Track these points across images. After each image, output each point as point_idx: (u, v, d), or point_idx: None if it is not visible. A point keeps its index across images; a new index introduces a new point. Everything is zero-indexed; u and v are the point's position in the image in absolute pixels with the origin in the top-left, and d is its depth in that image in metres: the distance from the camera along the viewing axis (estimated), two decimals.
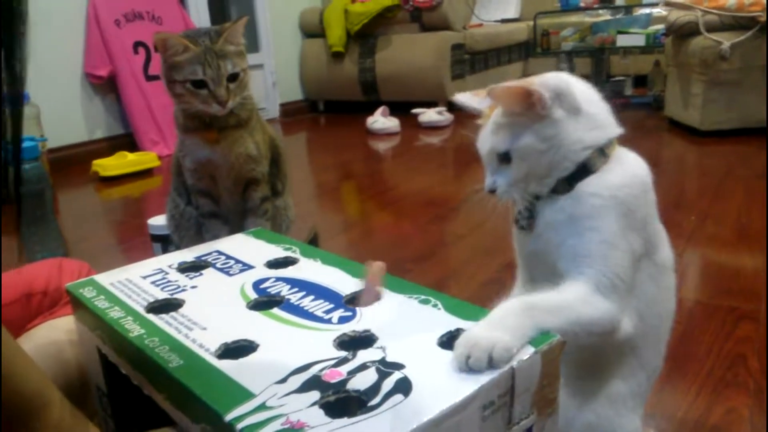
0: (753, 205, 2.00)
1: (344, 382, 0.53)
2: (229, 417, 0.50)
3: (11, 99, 0.44)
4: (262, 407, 0.51)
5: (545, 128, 0.66)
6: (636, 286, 0.69)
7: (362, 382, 0.53)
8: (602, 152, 0.68)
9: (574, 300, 0.64)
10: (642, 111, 3.90)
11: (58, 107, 3.24)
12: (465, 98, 0.76)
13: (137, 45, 3.49)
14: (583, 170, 0.67)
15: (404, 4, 4.23)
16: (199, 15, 4.02)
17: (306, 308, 0.68)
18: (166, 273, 0.82)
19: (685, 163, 2.77)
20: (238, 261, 0.85)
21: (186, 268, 0.84)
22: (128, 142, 3.49)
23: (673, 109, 3.33)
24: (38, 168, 1.76)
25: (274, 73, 4.55)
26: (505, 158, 0.68)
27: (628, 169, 0.69)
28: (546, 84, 0.65)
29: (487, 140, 0.70)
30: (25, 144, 1.74)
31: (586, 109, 0.68)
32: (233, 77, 1.06)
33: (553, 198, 0.69)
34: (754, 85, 2.89)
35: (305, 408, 0.50)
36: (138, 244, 2.01)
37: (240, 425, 0.48)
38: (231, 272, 0.81)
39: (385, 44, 4.33)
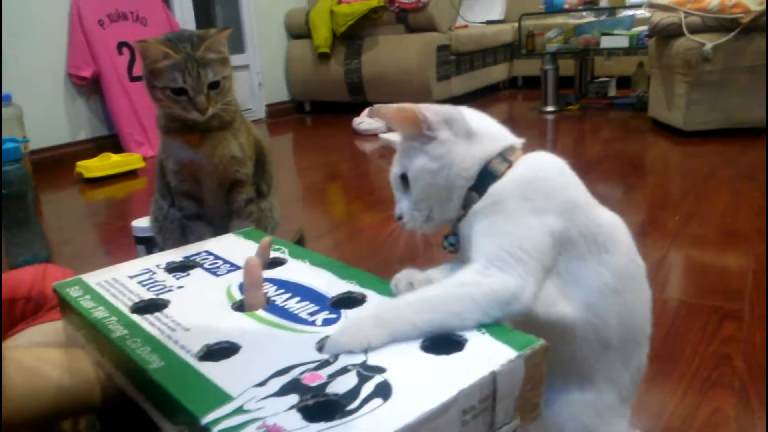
0: (737, 206, 2.02)
1: (324, 385, 0.53)
2: (205, 420, 0.49)
3: None
4: (239, 410, 0.50)
5: (435, 149, 0.69)
6: (581, 278, 0.67)
7: (342, 385, 0.52)
8: (503, 158, 0.70)
9: (450, 287, 0.62)
10: (626, 112, 3.93)
11: (41, 108, 3.21)
12: (390, 136, 0.79)
13: (121, 45, 3.47)
14: (490, 176, 0.69)
15: (390, 5, 4.23)
16: (184, 16, 3.99)
17: (290, 310, 0.68)
18: (154, 273, 0.82)
19: (669, 164, 2.79)
20: (226, 261, 0.84)
21: (174, 268, 0.83)
22: (112, 143, 3.47)
23: (656, 110, 3.36)
24: (21, 169, 1.74)
25: (260, 73, 4.54)
26: (406, 182, 0.71)
27: (528, 164, 0.70)
28: (434, 109, 0.69)
29: (394, 166, 0.74)
30: (7, 145, 1.72)
31: (478, 129, 0.70)
32: (214, 85, 1.05)
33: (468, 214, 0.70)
34: (737, 86, 2.92)
35: (282, 412, 0.50)
36: (122, 246, 1.99)
37: (216, 429, 0.48)
38: (218, 273, 0.80)
39: (371, 45, 4.33)
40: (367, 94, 4.40)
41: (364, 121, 3.76)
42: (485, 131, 0.71)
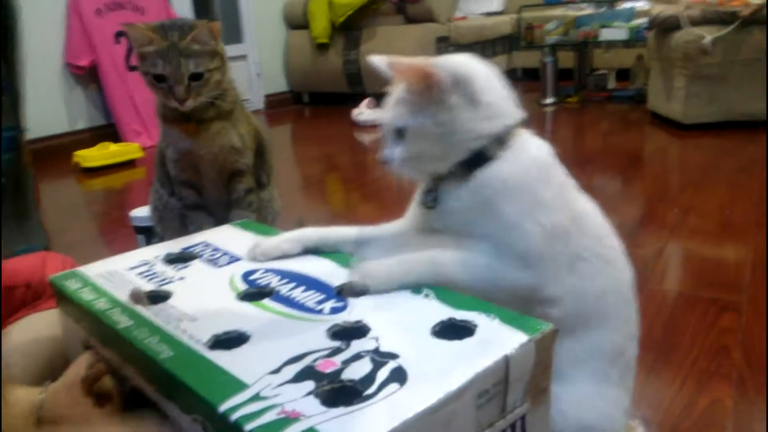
0: (735, 198, 2.02)
1: (339, 372, 0.53)
2: (223, 408, 0.49)
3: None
4: (257, 397, 0.50)
5: (441, 113, 0.67)
6: (570, 264, 0.69)
7: (357, 371, 0.53)
8: (500, 141, 0.68)
9: (479, 258, 0.67)
10: (624, 104, 3.93)
11: (39, 97, 3.19)
12: (379, 61, 0.76)
13: (119, 35, 3.45)
14: (481, 157, 0.68)
15: None
16: (182, 5, 3.97)
17: (297, 299, 0.68)
18: (153, 264, 0.81)
19: (667, 156, 2.79)
20: (225, 252, 0.84)
21: (173, 260, 0.83)
22: (110, 132, 3.46)
23: (655, 103, 3.35)
24: None
25: (258, 64, 4.52)
26: (401, 133, 0.69)
27: (525, 156, 0.69)
28: (447, 68, 0.66)
29: (388, 111, 0.71)
30: (4, 134, 1.71)
31: (485, 99, 0.68)
32: (196, 76, 1.04)
33: (454, 183, 0.70)
34: (736, 79, 2.91)
35: (300, 398, 0.50)
36: (121, 236, 1.99)
37: (235, 415, 0.48)
38: (219, 263, 0.80)
39: (369, 36, 4.32)
40: (366, 85, 4.39)
41: (363, 112, 3.75)
42: (490, 101, 0.69)
